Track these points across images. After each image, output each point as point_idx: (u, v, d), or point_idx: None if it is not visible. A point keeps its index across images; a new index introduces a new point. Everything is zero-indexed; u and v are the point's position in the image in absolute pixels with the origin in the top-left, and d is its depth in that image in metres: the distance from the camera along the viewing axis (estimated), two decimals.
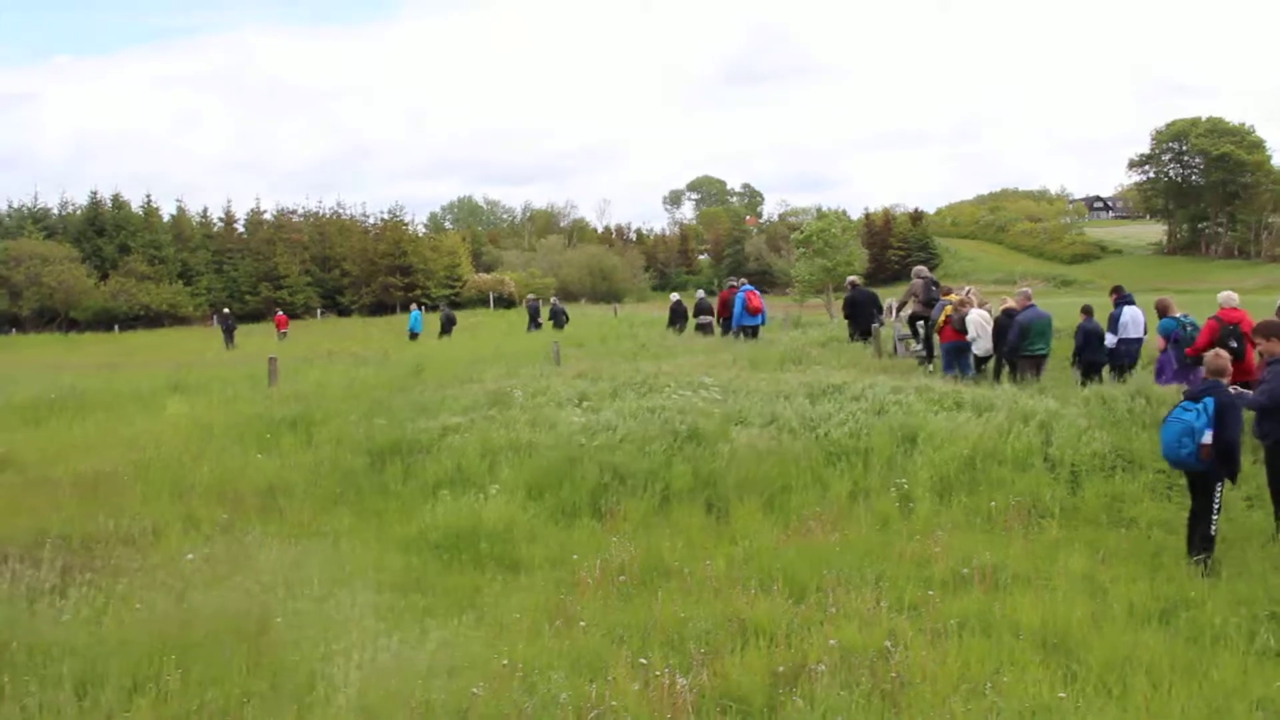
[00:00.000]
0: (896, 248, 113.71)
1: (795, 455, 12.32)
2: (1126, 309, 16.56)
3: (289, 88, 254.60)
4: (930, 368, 19.04)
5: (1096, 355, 16.64)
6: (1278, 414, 9.29)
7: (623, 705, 5.93)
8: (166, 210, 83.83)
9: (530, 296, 45.84)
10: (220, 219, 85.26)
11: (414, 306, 44.82)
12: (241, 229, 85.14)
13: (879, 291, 24.04)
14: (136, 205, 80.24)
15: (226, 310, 52.66)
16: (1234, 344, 13.64)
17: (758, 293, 26.99)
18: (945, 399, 14.21)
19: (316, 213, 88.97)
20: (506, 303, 77.03)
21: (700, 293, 33.80)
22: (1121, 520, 10.36)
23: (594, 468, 12.04)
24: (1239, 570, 8.70)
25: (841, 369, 17.77)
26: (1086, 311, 17.07)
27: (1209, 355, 9.65)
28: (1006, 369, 17.26)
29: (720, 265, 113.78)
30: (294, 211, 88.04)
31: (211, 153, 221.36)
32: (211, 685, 6.15)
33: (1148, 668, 6.37)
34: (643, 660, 6.60)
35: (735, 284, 28.20)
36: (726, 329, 27.37)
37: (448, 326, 39.32)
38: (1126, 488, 10.95)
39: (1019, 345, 16.79)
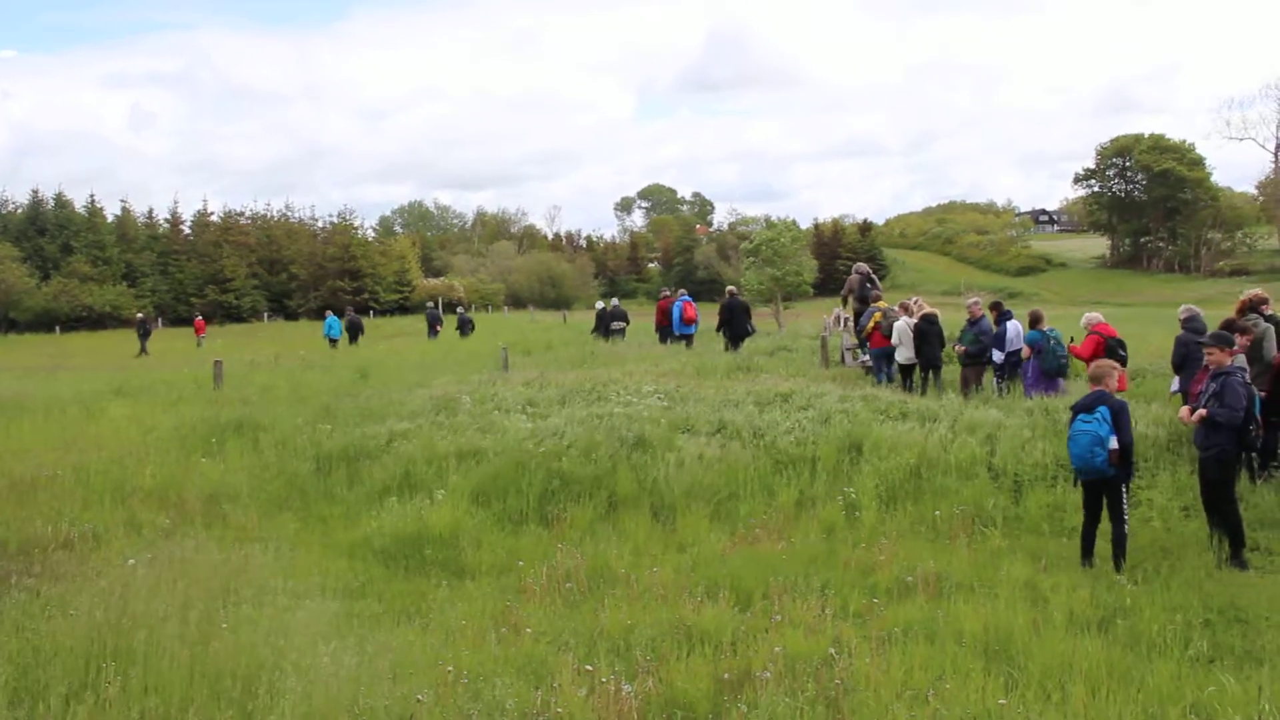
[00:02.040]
0: (845, 258, 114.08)
1: (742, 463, 12.39)
2: (1009, 324, 17.08)
3: (241, 88, 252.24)
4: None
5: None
6: (1229, 427, 9.46)
7: (568, 712, 5.93)
8: (111, 210, 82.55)
9: (429, 305, 45.60)
10: (166, 220, 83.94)
11: (329, 313, 44.62)
12: (188, 231, 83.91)
13: (827, 301, 24.48)
14: (80, 205, 79.00)
15: (141, 315, 51.57)
16: (1121, 353, 14.39)
17: (693, 303, 27.93)
18: (891, 408, 14.34)
19: (264, 215, 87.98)
20: (456, 308, 76.76)
21: (614, 300, 35.25)
22: (1063, 529, 10.49)
23: (541, 474, 12.04)
24: (1175, 578, 8.84)
25: (789, 378, 17.87)
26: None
27: (1093, 365, 9.92)
28: (932, 376, 17.76)
29: (670, 273, 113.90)
30: (242, 213, 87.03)
31: (160, 153, 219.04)
32: (152, 692, 6.06)
33: (1086, 674, 6.45)
34: (588, 667, 6.59)
35: (669, 293, 30.18)
36: (664, 337, 28.10)
37: (354, 333, 39.53)
38: (1068, 497, 11.08)
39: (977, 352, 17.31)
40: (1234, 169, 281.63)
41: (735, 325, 25.24)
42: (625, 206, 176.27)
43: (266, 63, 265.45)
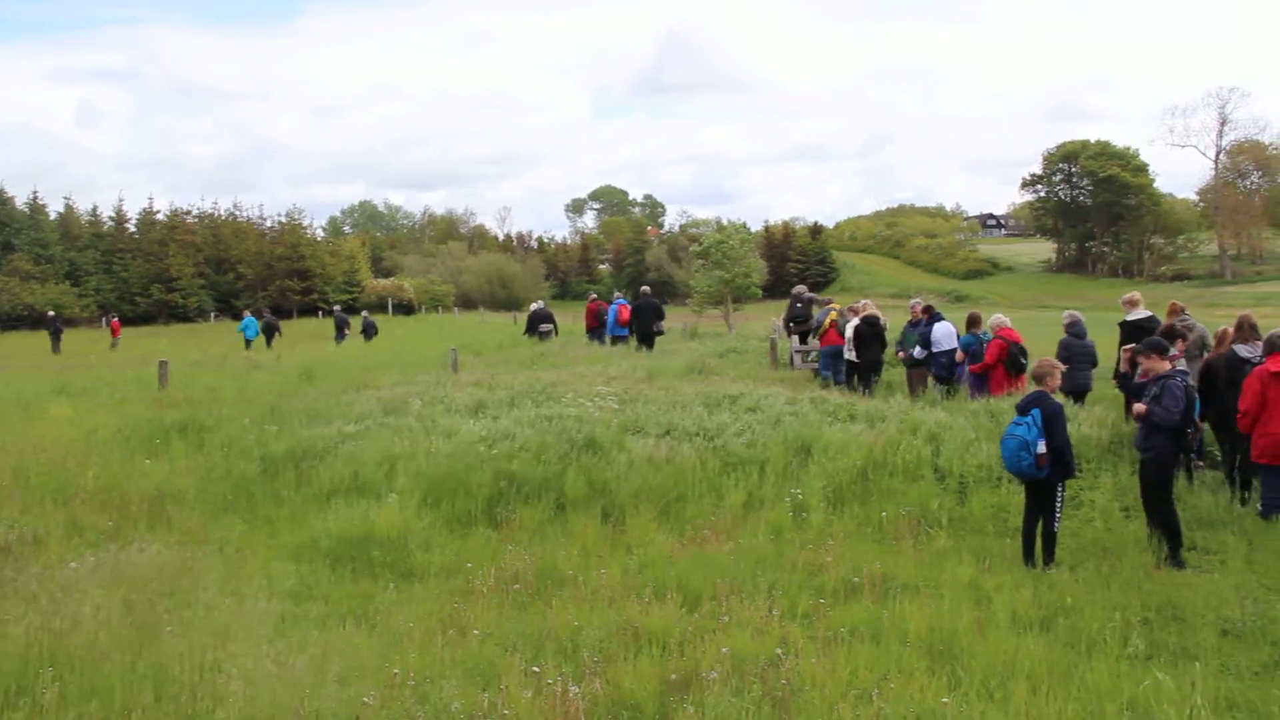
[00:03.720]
0: (795, 260, 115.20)
1: (691, 465, 12.42)
2: (938, 325, 17.49)
3: (191, 86, 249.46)
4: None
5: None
6: (1166, 429, 9.62)
7: (514, 714, 5.92)
8: (54, 208, 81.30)
9: (337, 308, 45.26)
10: (110, 218, 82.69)
11: (246, 313, 44.21)
12: (133, 229, 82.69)
13: (775, 303, 24.80)
14: (21, 201, 77.64)
15: (52, 313, 50.46)
16: (1023, 360, 14.98)
17: (628, 305, 28.73)
18: (839, 410, 14.44)
19: (212, 214, 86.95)
20: (406, 309, 76.25)
21: (540, 302, 35.87)
22: (1007, 530, 10.61)
23: (490, 476, 12.01)
24: (1115, 578, 8.99)
25: (738, 380, 17.94)
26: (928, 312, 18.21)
27: (1036, 364, 10.10)
28: (872, 378, 18.06)
29: (621, 274, 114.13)
30: (189, 212, 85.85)
31: (107, 150, 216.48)
32: (91, 698, 5.98)
33: (1028, 673, 6.53)
34: (535, 668, 6.59)
35: (595, 295, 32.95)
36: (593, 337, 29.06)
37: (270, 335, 39.33)
38: (1011, 498, 11.20)
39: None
40: (1176, 176, 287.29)
41: (644, 324, 26.43)
42: (577, 208, 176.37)
43: (217, 60, 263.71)
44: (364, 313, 43.83)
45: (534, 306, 34.12)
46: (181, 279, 76.53)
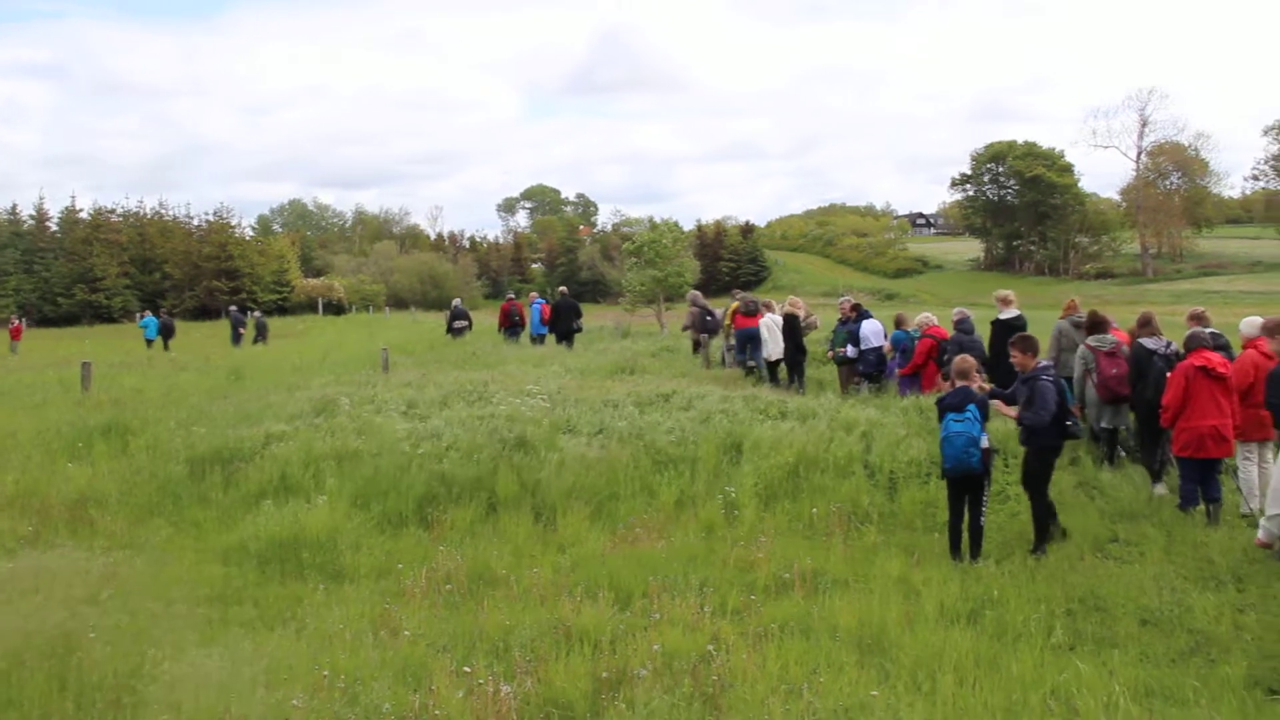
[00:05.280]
0: (727, 259, 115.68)
1: (623, 463, 12.42)
2: (865, 322, 17.77)
3: (116, 82, 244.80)
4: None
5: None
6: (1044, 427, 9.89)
7: (445, 714, 5.90)
8: None
9: (233, 308, 44.69)
10: (31, 217, 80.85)
11: (146, 313, 43.62)
12: (55, 228, 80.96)
13: (711, 303, 25.01)
14: None
15: None
16: (946, 357, 14.92)
17: (549, 305, 30.19)
18: (771, 408, 14.52)
19: (137, 213, 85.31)
20: (337, 309, 75.50)
21: (455, 302, 37.49)
22: (935, 525, 10.74)
23: (421, 476, 11.92)
24: (1040, 570, 9.15)
25: (671, 379, 17.99)
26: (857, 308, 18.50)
27: (956, 361, 10.29)
28: (798, 378, 18.39)
29: (554, 273, 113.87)
30: (113, 211, 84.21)
31: (27, 146, 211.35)
32: (9, 707, 5.86)
33: (955, 664, 6.64)
34: (466, 668, 6.56)
35: (513, 295, 35.58)
36: (508, 335, 30.11)
37: (166, 335, 38.99)
38: (940, 494, 11.31)
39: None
40: (1100, 176, 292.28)
41: (563, 323, 27.76)
42: (509, 207, 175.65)
43: (144, 56, 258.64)
44: (256, 313, 43.09)
45: (453, 304, 36.11)
46: (106, 279, 75.04)
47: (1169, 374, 10.92)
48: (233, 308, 45.15)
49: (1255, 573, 8.71)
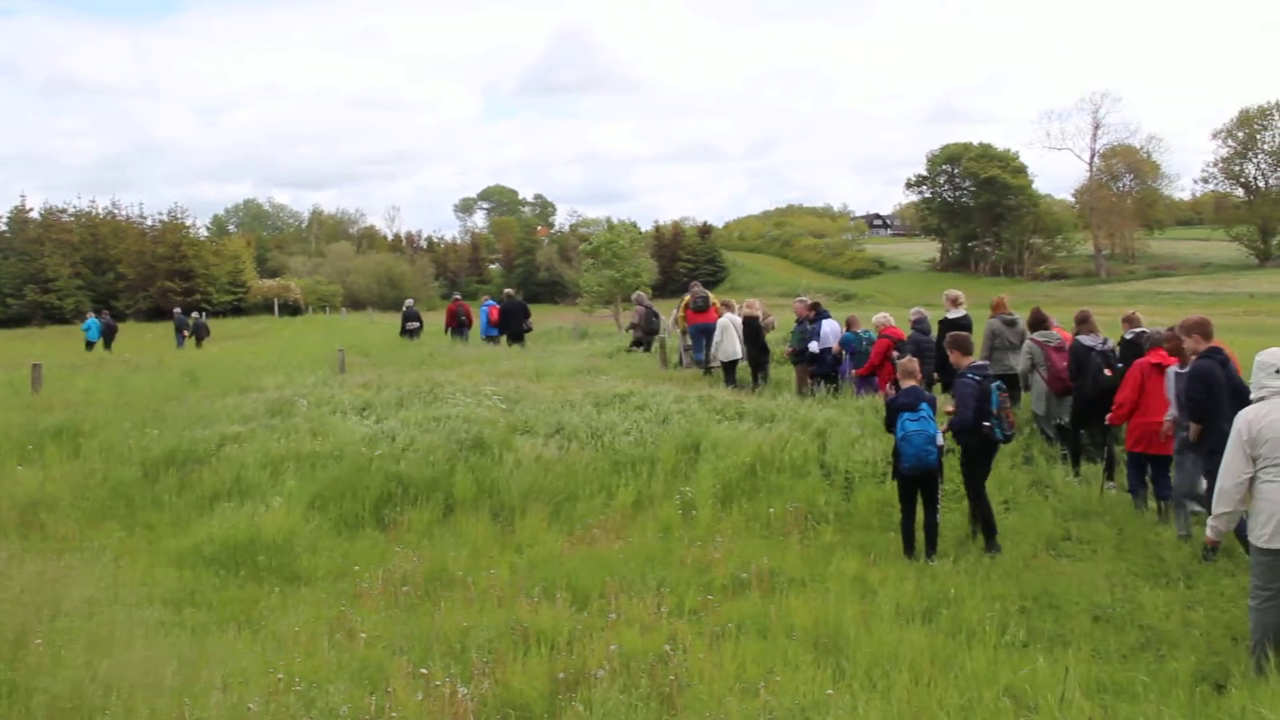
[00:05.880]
0: (685, 260, 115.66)
1: (581, 464, 12.42)
2: (825, 322, 17.81)
3: (69, 80, 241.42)
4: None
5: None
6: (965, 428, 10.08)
7: (402, 716, 5.86)
8: None
9: (177, 310, 44.34)
10: None
11: (89, 314, 43.19)
12: (4, 227, 79.65)
13: (665, 303, 25.17)
14: None
15: None
16: (897, 355, 14.95)
17: (497, 306, 30.43)
18: (728, 408, 14.57)
19: (89, 213, 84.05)
20: (292, 309, 74.88)
21: (408, 302, 37.40)
22: (891, 524, 10.80)
23: (378, 478, 11.87)
24: (995, 568, 9.24)
25: (627, 379, 17.99)
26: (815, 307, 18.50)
27: (903, 362, 10.40)
28: (762, 378, 18.38)
29: (512, 274, 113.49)
30: (65, 210, 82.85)
31: None
32: None
33: (910, 663, 6.66)
34: (423, 670, 6.52)
35: (459, 296, 35.93)
36: (455, 335, 31.25)
37: (109, 337, 38.69)
38: (895, 493, 11.43)
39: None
40: (1054, 178, 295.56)
41: (512, 324, 28.63)
42: (466, 207, 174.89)
43: (97, 54, 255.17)
44: (195, 314, 42.64)
45: (405, 305, 36.41)
46: (58, 280, 73.79)
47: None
48: (176, 310, 44.70)
49: (1204, 570, 8.84)
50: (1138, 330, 12.49)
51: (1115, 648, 7.38)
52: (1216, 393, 8.97)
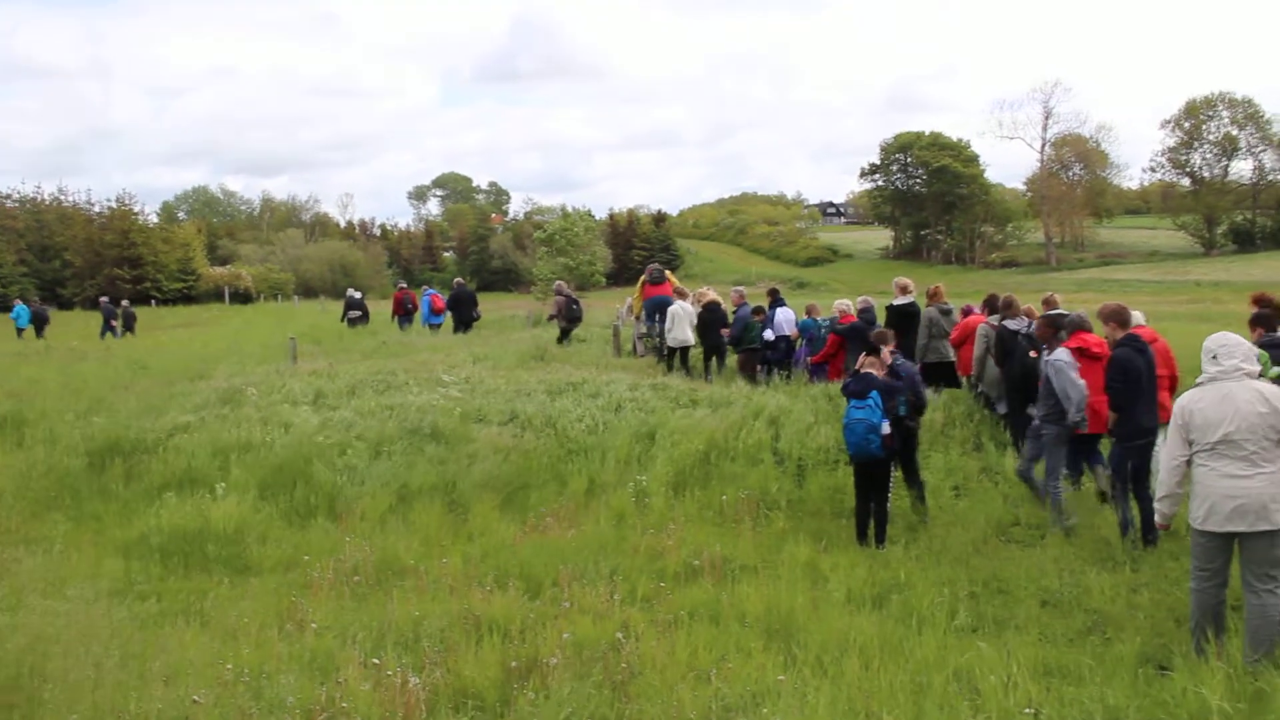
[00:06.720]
0: (639, 248, 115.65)
1: (535, 452, 12.40)
2: (779, 309, 18.01)
3: (16, 63, 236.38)
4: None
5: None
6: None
7: (353, 706, 5.82)
8: None
9: (104, 299, 43.75)
10: None
11: (17, 301, 42.63)
12: None
13: (620, 290, 25.09)
14: None
15: None
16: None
17: (441, 295, 31.68)
18: (682, 396, 14.59)
19: (35, 199, 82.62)
20: (243, 297, 74.11)
21: (350, 291, 38.29)
22: (843, 511, 10.90)
23: (329, 467, 11.78)
24: (945, 554, 9.33)
25: (581, 367, 17.97)
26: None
27: (873, 334, 10.52)
28: (715, 363, 18.44)
29: (466, 262, 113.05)
30: (9, 196, 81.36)
31: None
32: None
33: (860, 648, 6.72)
34: (375, 660, 6.50)
35: (404, 285, 36.52)
36: (401, 323, 32.19)
37: (40, 325, 38.23)
38: (847, 480, 11.46)
39: (741, 338, 18.05)
40: (1005, 167, 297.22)
41: (462, 312, 29.33)
42: (420, 195, 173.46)
43: (46, 36, 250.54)
44: (124, 302, 41.99)
45: (348, 294, 37.07)
46: (3, 267, 72.55)
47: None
48: (103, 299, 44.04)
49: (1148, 553, 8.96)
50: (1054, 312, 12.65)
51: (1062, 631, 7.46)
52: (1134, 380, 9.11)
